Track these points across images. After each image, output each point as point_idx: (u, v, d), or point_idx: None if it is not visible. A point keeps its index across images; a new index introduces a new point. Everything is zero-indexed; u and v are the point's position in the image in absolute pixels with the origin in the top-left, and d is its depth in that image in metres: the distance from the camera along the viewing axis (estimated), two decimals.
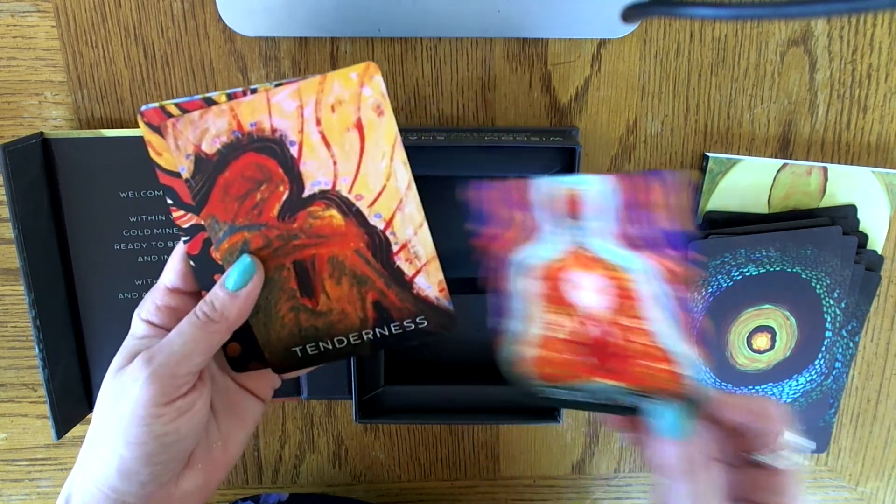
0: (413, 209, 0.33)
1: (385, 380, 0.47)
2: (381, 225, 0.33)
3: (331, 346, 0.36)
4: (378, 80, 0.31)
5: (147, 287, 0.45)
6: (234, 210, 0.32)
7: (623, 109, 0.45)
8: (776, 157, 0.46)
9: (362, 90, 0.31)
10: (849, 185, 0.46)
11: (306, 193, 0.33)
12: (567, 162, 0.42)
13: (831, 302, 0.47)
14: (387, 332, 0.36)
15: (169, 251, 0.45)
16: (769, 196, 0.46)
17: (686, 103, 0.45)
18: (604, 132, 0.45)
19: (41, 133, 0.43)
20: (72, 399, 0.46)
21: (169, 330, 0.33)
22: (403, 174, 0.33)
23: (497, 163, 0.42)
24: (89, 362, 0.47)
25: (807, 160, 0.46)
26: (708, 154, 0.45)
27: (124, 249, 0.45)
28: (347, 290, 0.34)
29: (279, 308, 0.34)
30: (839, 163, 0.46)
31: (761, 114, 0.45)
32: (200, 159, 0.31)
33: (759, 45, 0.44)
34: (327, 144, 0.32)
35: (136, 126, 0.44)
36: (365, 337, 0.36)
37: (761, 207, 0.46)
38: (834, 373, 0.48)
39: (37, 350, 0.43)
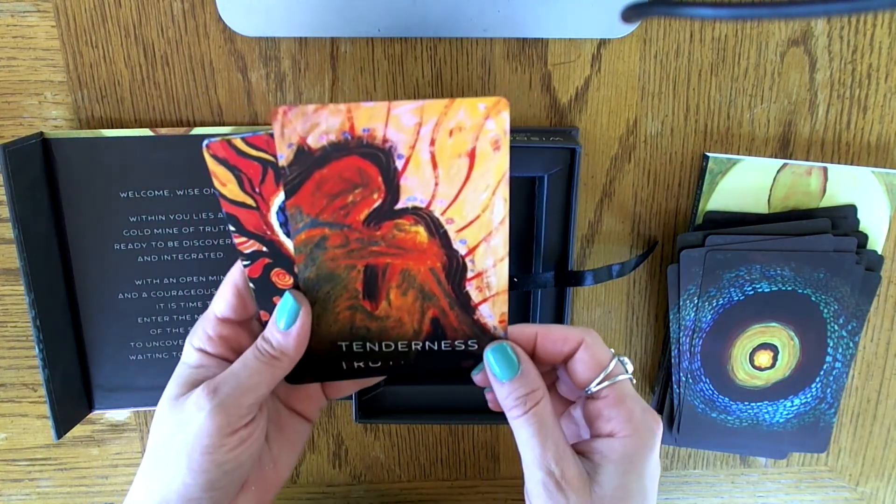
0: (499, 243, 0.33)
1: (385, 380, 0.47)
2: (463, 251, 0.33)
3: (377, 349, 0.36)
4: (504, 116, 0.30)
5: (147, 287, 0.45)
6: (321, 206, 0.32)
7: (623, 109, 0.45)
8: (776, 157, 0.46)
9: (486, 122, 0.30)
10: (849, 185, 0.46)
11: (399, 206, 0.32)
12: (567, 162, 0.42)
13: (836, 327, 0.47)
14: (436, 348, 0.35)
15: (169, 251, 0.45)
16: (769, 196, 0.46)
17: (686, 103, 0.45)
18: (604, 132, 0.45)
19: (41, 133, 0.43)
20: (72, 399, 0.46)
21: (223, 359, 0.34)
22: (500, 209, 0.32)
23: None
24: (89, 362, 0.47)
25: (807, 160, 0.46)
26: (708, 154, 0.45)
27: (124, 249, 0.45)
28: (411, 302, 0.34)
29: (337, 304, 0.34)
30: (839, 163, 0.46)
31: (761, 114, 0.45)
32: (302, 151, 0.31)
33: (759, 45, 0.44)
34: (434, 165, 0.31)
35: (136, 126, 0.44)
36: (413, 347, 0.35)
37: (761, 207, 0.46)
38: (834, 373, 0.48)
39: (37, 350, 0.43)
